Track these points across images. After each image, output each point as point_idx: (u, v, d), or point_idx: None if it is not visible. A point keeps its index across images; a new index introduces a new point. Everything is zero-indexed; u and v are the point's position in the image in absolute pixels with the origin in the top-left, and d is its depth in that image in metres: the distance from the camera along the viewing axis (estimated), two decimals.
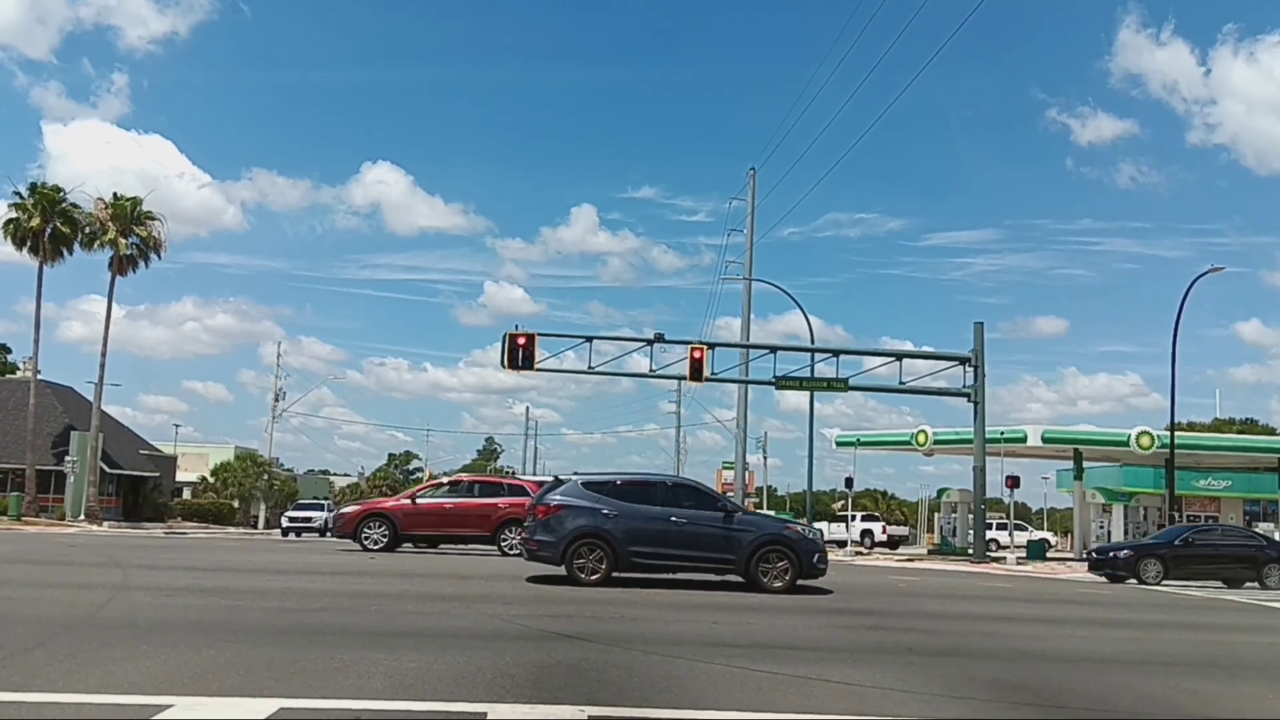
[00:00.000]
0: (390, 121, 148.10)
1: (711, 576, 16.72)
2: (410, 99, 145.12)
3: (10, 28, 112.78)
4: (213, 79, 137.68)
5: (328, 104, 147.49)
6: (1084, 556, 32.10)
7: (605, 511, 15.97)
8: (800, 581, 16.15)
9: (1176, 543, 28.51)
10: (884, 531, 61.49)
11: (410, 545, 24.72)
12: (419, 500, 25.03)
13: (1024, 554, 42.05)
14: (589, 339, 37.79)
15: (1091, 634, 13.35)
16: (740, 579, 16.29)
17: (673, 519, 16.07)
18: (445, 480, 30.21)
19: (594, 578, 15.66)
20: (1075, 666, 9.90)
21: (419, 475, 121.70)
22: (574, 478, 16.93)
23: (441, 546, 25.44)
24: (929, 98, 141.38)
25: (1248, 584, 26.91)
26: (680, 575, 16.69)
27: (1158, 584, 26.49)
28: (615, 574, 15.82)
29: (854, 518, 57.67)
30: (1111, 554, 29.55)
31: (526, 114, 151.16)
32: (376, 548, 23.47)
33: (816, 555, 16.40)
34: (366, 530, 23.96)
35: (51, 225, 47.52)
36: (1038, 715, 6.98)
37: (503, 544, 23.71)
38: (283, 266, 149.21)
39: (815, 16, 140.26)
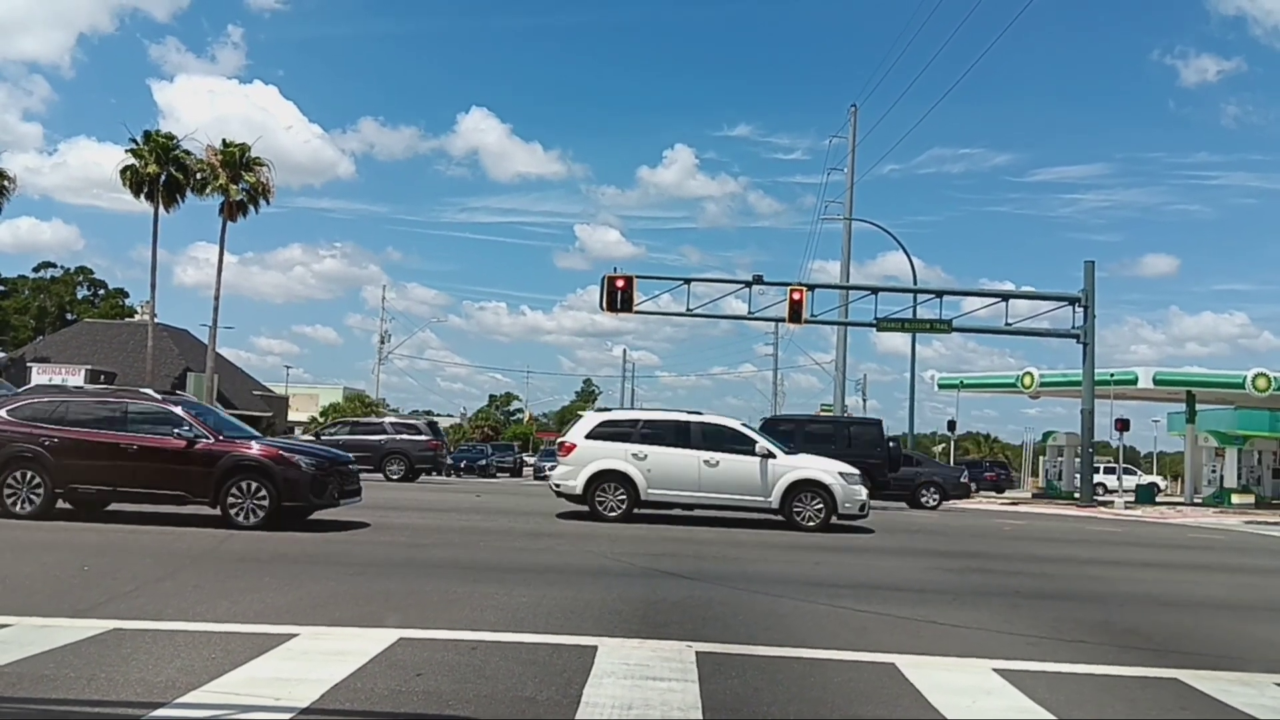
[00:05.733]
0: (490, 70, 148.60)
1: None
2: (508, 47, 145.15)
3: None
4: (327, 33, 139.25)
5: (431, 54, 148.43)
6: (1193, 501, 31.21)
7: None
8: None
9: None
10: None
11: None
12: None
13: (1133, 498, 41.07)
14: (687, 281, 37.68)
15: (1204, 579, 13.06)
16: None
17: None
18: None
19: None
20: (1187, 611, 9.70)
21: (519, 416, 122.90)
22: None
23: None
24: (1035, 34, 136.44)
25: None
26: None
27: None
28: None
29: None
30: None
31: (622, 53, 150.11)
32: None
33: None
34: None
35: (166, 172, 48.82)
36: (1149, 660, 6.87)
37: None
38: (386, 211, 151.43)
39: None
